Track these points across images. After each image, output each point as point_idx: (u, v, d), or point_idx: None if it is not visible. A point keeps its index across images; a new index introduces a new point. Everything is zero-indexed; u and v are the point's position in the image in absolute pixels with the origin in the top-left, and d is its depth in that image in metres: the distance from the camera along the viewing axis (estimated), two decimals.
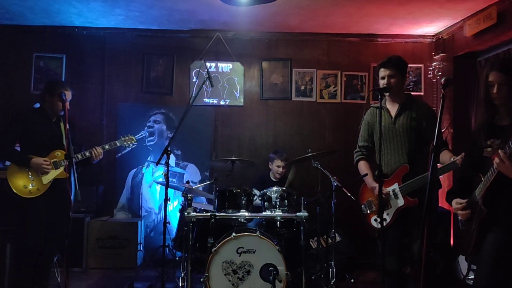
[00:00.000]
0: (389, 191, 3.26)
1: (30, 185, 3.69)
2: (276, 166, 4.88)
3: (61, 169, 3.80)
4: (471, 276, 3.18)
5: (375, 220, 3.39)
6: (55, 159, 3.79)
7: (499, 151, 2.26)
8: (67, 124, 3.35)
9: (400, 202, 3.23)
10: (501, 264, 2.35)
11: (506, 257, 2.35)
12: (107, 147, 4.00)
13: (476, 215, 2.45)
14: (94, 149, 3.88)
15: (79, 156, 3.78)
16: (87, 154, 3.84)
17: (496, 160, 2.28)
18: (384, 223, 3.17)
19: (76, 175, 3.39)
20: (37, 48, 5.46)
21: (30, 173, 3.70)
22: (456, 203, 2.55)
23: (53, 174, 3.77)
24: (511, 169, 2.25)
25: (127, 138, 4.16)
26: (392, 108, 3.36)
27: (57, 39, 5.48)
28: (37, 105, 4.03)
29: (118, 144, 4.10)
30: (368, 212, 3.46)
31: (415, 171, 3.18)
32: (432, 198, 2.34)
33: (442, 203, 4.89)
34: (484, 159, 2.43)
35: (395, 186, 3.25)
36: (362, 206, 3.52)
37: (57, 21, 5.25)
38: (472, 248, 2.49)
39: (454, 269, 4.45)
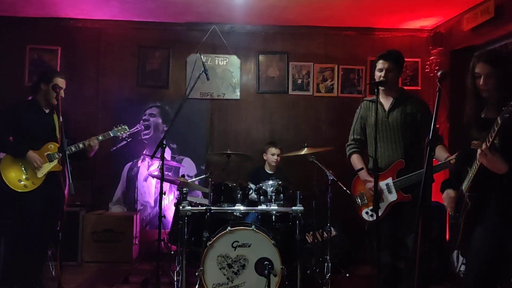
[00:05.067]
0: (382, 185, 3.25)
1: (24, 178, 3.65)
2: (271, 154, 4.90)
3: (55, 161, 3.76)
4: (463, 269, 3.18)
5: (366, 213, 3.39)
6: (48, 152, 3.75)
7: (483, 143, 2.24)
8: (61, 117, 3.30)
9: (393, 196, 3.23)
10: (490, 258, 2.33)
11: (495, 250, 2.33)
12: (100, 137, 3.93)
13: (462, 208, 2.45)
14: (89, 139, 3.84)
15: (73, 148, 3.74)
16: (81, 146, 3.80)
17: (478, 151, 2.26)
18: (375, 217, 3.17)
19: (70, 168, 3.36)
20: (31, 40, 5.41)
21: (23, 167, 3.66)
22: (447, 194, 2.56)
23: (47, 167, 3.73)
24: (492, 161, 2.24)
25: (120, 128, 4.12)
26: (386, 102, 3.35)
27: (52, 31, 5.44)
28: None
29: (112, 135, 4.05)
30: (360, 204, 3.46)
31: (410, 167, 3.16)
32: (426, 193, 2.32)
33: (438, 197, 4.91)
34: (472, 152, 2.40)
35: (389, 180, 3.24)
36: (354, 198, 3.52)
37: (51, 12, 5.20)
38: (460, 242, 2.48)
39: (449, 263, 4.45)
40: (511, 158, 2.25)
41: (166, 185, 5.06)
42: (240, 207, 3.82)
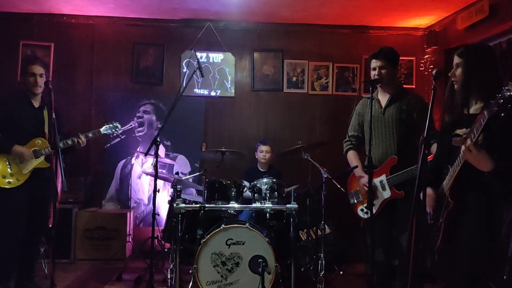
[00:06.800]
0: (376, 182, 3.25)
1: (9, 174, 3.56)
2: (259, 152, 4.91)
3: (42, 158, 3.66)
4: None
5: (362, 210, 3.40)
6: (35, 148, 3.64)
7: (467, 139, 2.20)
8: (53, 113, 3.24)
9: (387, 193, 3.23)
10: (477, 257, 2.31)
11: (482, 250, 2.30)
12: (90, 135, 3.86)
13: (443, 208, 2.40)
14: (78, 137, 3.75)
15: (61, 145, 3.59)
16: (69, 142, 3.71)
17: (462, 148, 2.21)
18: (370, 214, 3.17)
19: (63, 165, 3.29)
20: (24, 36, 5.37)
21: (8, 162, 3.57)
22: (428, 193, 2.49)
23: (33, 163, 3.63)
24: (477, 158, 2.18)
25: (111, 125, 4.04)
26: (383, 99, 3.35)
27: (45, 27, 5.40)
28: None
29: (102, 132, 3.97)
30: (355, 201, 3.46)
31: (403, 163, 3.16)
32: (421, 190, 2.30)
33: None
34: (452, 149, 2.37)
35: (383, 177, 3.24)
36: (349, 195, 3.52)
37: (45, 8, 5.16)
38: (440, 244, 2.41)
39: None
40: (496, 155, 2.18)
41: (160, 183, 5.03)
42: (234, 205, 3.81)
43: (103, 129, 4.00)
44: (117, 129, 4.09)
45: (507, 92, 1.98)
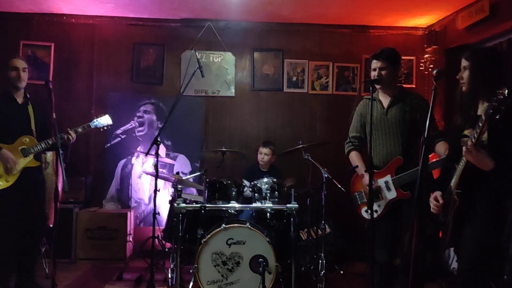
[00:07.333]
0: (381, 183, 3.24)
1: None
2: (259, 153, 4.92)
3: (31, 156, 3.55)
4: (456, 265, 3.18)
5: (366, 211, 3.36)
6: (23, 146, 3.53)
7: (468, 140, 2.28)
8: (54, 113, 3.21)
9: (393, 194, 3.21)
10: (479, 256, 2.33)
11: (484, 249, 2.33)
12: (80, 130, 3.75)
13: (450, 206, 2.45)
14: (68, 133, 3.63)
15: (50, 141, 3.55)
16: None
17: (464, 148, 2.29)
18: (375, 215, 3.17)
19: (64, 165, 3.26)
20: (24, 36, 5.37)
21: None
22: (434, 198, 2.54)
23: (22, 163, 3.52)
24: (477, 158, 2.26)
25: (100, 118, 3.92)
26: (385, 100, 3.33)
27: (45, 27, 5.40)
28: None
29: (92, 126, 3.87)
30: (359, 202, 3.44)
31: (408, 164, 3.15)
32: (423, 191, 2.32)
33: None
34: (461, 149, 2.41)
35: (388, 178, 3.22)
36: (353, 196, 3.51)
37: (45, 8, 5.16)
38: (449, 241, 2.47)
39: (443, 261, 4.47)
40: (499, 155, 2.25)
41: (160, 182, 5.04)
42: (234, 205, 3.81)
43: (92, 123, 3.88)
44: (107, 122, 3.96)
45: (500, 96, 2.09)
